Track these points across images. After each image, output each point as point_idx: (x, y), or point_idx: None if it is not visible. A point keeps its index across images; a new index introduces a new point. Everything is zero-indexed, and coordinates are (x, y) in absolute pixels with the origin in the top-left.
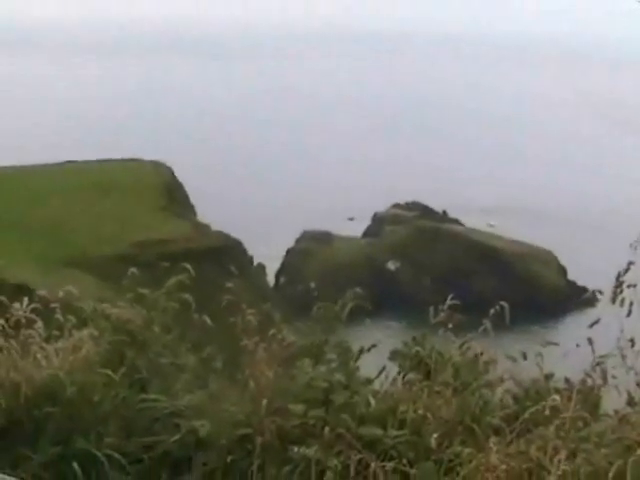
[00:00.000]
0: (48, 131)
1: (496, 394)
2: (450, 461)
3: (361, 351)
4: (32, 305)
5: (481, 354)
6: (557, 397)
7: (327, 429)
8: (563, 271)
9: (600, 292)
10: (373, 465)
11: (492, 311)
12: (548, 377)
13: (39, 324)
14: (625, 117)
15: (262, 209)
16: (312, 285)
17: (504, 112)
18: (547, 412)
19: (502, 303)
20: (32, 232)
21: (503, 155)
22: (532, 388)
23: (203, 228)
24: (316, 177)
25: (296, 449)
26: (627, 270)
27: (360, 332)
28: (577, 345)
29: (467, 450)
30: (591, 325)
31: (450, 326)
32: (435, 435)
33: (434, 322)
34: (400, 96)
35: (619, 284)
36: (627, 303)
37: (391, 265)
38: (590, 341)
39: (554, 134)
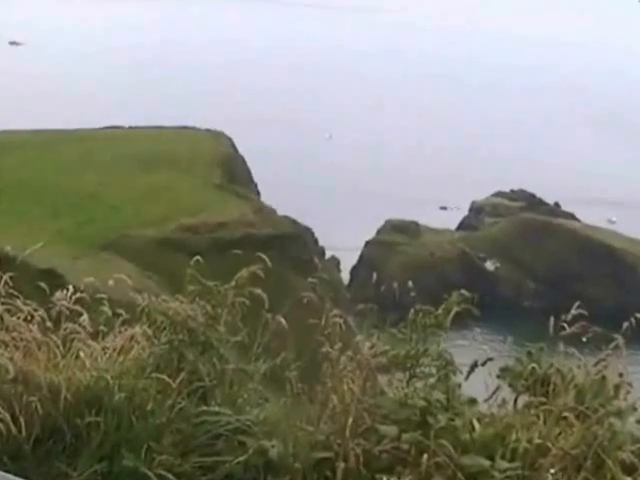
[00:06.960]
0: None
1: (627, 424)
2: None
3: (475, 365)
4: (77, 295)
5: (620, 375)
6: None
7: (424, 456)
8: None
9: None
10: None
11: (625, 324)
12: None
13: (84, 317)
14: None
15: (338, 193)
16: (410, 285)
17: None
18: None
19: (638, 315)
20: (64, 208)
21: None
22: None
23: (267, 211)
24: (407, 160)
25: (385, 478)
26: None
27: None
28: None
29: None
30: None
31: (584, 340)
32: (553, 470)
33: (563, 334)
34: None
35: None
36: None
37: (490, 264)
38: None
39: None
